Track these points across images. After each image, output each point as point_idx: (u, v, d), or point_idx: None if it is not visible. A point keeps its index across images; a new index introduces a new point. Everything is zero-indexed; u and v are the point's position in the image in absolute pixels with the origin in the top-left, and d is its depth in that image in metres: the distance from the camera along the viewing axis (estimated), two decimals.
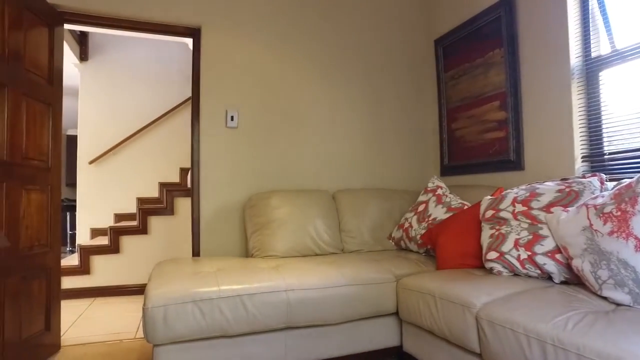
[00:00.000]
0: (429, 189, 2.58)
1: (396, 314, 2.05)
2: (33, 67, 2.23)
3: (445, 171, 3.12)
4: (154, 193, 4.80)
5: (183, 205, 3.96)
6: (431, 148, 3.28)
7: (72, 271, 3.66)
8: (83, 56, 4.72)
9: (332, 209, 2.68)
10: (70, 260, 4.04)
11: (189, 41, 4.14)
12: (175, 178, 4.85)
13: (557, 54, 2.23)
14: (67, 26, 2.84)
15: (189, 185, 4.57)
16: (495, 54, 2.63)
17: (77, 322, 3.03)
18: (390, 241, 2.70)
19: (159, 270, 2.00)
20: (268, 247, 2.40)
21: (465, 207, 2.34)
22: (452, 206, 2.37)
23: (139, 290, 3.80)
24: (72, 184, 6.44)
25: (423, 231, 2.38)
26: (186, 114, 4.95)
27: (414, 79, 3.25)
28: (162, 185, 4.70)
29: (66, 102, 5.39)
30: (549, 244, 1.63)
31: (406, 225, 2.54)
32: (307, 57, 2.93)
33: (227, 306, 1.72)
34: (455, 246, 2.08)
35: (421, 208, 2.51)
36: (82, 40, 4.70)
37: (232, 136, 2.71)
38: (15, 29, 2.08)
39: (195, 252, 2.67)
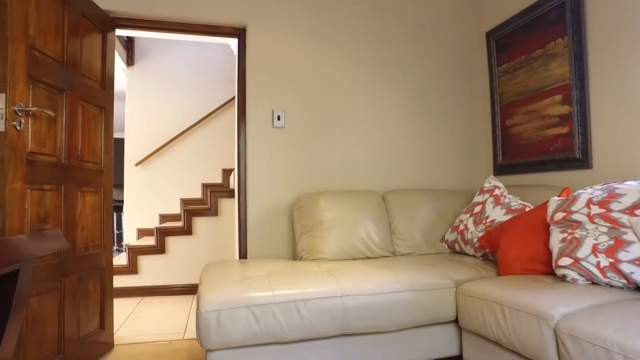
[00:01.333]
0: (485, 189, 2.44)
1: (455, 321, 1.94)
2: (88, 72, 2.27)
3: (500, 170, 2.95)
4: (197, 194, 4.86)
5: (226, 206, 3.98)
6: (482, 146, 3.12)
7: (121, 270, 3.74)
8: (130, 61, 4.84)
9: (382, 210, 2.58)
10: (119, 259, 4.14)
11: (232, 42, 4.16)
12: (217, 179, 4.89)
13: (633, 40, 2.04)
14: (117, 31, 2.89)
15: (231, 186, 4.59)
16: (557, 43, 2.45)
17: (127, 321, 3.08)
18: (443, 244, 2.57)
19: (209, 273, 1.98)
20: (318, 250, 2.34)
21: (527, 208, 2.18)
22: (512, 207, 2.22)
23: (184, 290, 3.84)
24: (118, 185, 6.65)
25: (481, 234, 2.24)
26: (227, 115, 4.99)
27: (463, 75, 3.10)
28: (205, 186, 4.75)
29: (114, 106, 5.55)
30: (636, 251, 1.47)
31: (461, 227, 2.41)
32: (352, 56, 2.85)
33: (281, 312, 1.67)
34: (519, 250, 1.94)
35: (477, 209, 2.38)
36: (128, 46, 4.82)
37: (278, 136, 2.67)
38: (73, 35, 2.12)
39: (242, 254, 2.65)
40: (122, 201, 5.14)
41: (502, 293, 1.62)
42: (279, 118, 2.67)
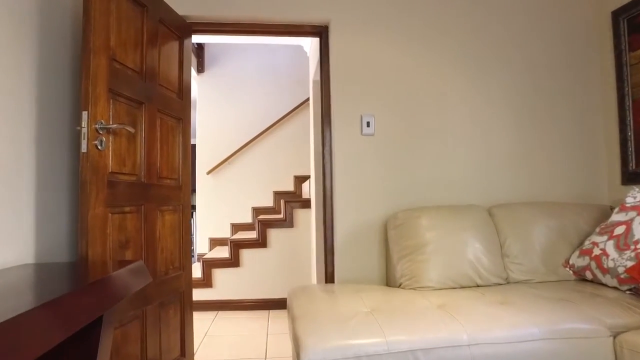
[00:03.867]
0: (628, 205, 1.98)
1: None
2: (165, 81, 2.12)
3: (631, 178, 2.44)
4: (269, 202, 4.71)
5: (302, 217, 3.76)
6: (604, 149, 2.62)
7: (196, 284, 3.64)
8: (200, 68, 4.80)
9: (490, 229, 2.20)
10: (192, 271, 4.07)
11: (306, 43, 3.94)
12: (289, 186, 4.71)
13: None
14: (193, 37, 2.75)
15: (304, 194, 4.38)
16: None
17: (205, 340, 2.95)
18: (568, 269, 2.14)
19: (301, 306, 1.73)
20: (421, 277, 2.01)
21: None
22: None
23: (258, 305, 3.67)
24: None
25: (629, 263, 1.80)
26: (298, 120, 4.80)
27: (577, 65, 2.61)
28: (277, 194, 4.59)
29: None
30: None
31: (596, 251, 1.97)
32: (447, 53, 2.49)
33: None
34: None
35: (619, 231, 1.93)
36: (199, 53, 4.78)
37: (367, 144, 2.38)
38: (151, 44, 1.97)
39: (328, 277, 2.39)
40: (193, 206, 5.14)
41: None
42: (368, 124, 2.38)
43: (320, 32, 2.52)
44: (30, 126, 1.49)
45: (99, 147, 1.55)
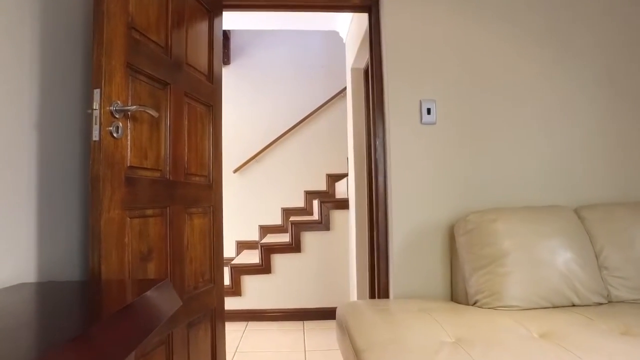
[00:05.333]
0: None
1: None
2: (194, 61, 1.80)
3: None
4: (299, 202, 4.38)
5: (339, 219, 3.41)
6: None
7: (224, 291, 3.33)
8: (225, 59, 4.51)
9: (581, 234, 1.81)
10: None
11: (342, 28, 3.59)
12: (321, 186, 4.37)
13: None
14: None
15: (338, 194, 4.04)
16: None
17: (236, 358, 2.64)
18: None
19: (363, 334, 1.38)
20: (503, 293, 1.64)
21: None
22: None
23: (291, 315, 3.35)
24: None
25: None
26: (330, 114, 4.45)
27: None
28: (308, 194, 4.26)
29: None
30: None
31: None
32: (524, 26, 2.10)
33: None
34: None
35: None
36: (224, 43, 4.49)
37: (428, 135, 2.02)
38: (178, 16, 1.65)
39: (382, 292, 2.03)
40: None
41: None
42: (428, 112, 2.01)
43: (369, 5, 2.16)
44: (31, 109, 1.19)
45: (115, 135, 1.23)
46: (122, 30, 1.29)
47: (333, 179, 4.29)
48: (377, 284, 2.05)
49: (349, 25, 3.39)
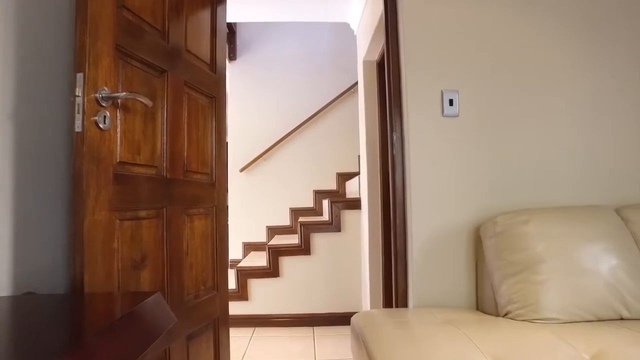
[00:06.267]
0: None
1: None
2: (195, 48, 1.65)
3: None
4: (308, 202, 4.22)
5: (350, 219, 3.24)
6: None
7: (230, 296, 3.17)
8: (232, 55, 4.37)
9: (626, 238, 1.62)
10: None
11: (352, 19, 3.42)
12: (331, 185, 4.20)
13: None
14: None
15: (348, 194, 3.87)
16: None
17: None
18: None
19: (386, 354, 1.21)
20: (539, 304, 1.46)
21: None
22: None
23: (301, 321, 3.19)
24: None
25: None
26: (339, 110, 4.29)
27: None
28: (318, 193, 4.09)
29: None
30: None
31: None
32: (564, 15, 1.91)
33: None
34: None
35: None
36: (229, 38, 4.34)
37: (451, 128, 1.84)
38: None
39: (400, 300, 1.86)
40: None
41: None
42: (451, 103, 1.83)
43: None
44: (4, 95, 1.03)
45: (101, 126, 1.08)
46: (110, 8, 1.14)
47: (343, 177, 4.12)
48: (395, 291, 1.88)
49: (360, 16, 3.22)
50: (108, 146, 1.11)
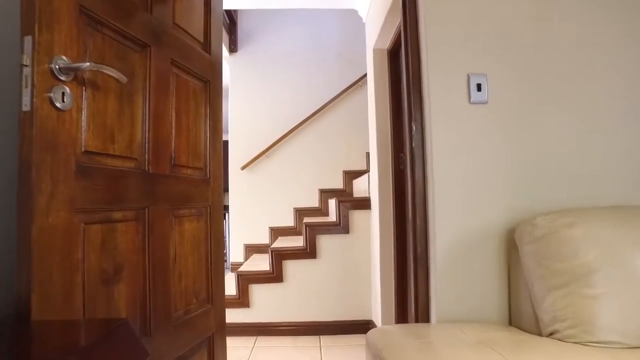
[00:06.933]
0: None
1: None
2: (185, 23, 1.42)
3: None
4: (314, 202, 3.99)
5: (359, 220, 3.01)
6: None
7: (230, 302, 2.96)
8: (232, 47, 4.14)
9: None
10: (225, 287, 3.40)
11: (360, 6, 3.19)
12: (337, 184, 3.97)
13: None
14: None
15: (356, 193, 3.63)
16: None
17: None
18: None
19: None
20: (594, 323, 1.22)
21: None
22: None
23: (306, 329, 2.96)
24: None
25: None
26: (346, 105, 4.06)
27: None
28: (324, 192, 3.86)
29: None
30: None
31: None
32: None
33: None
34: None
35: None
36: (231, 29, 4.12)
37: (479, 116, 1.60)
38: None
39: (421, 314, 1.62)
40: (225, 206, 4.49)
41: None
42: (478, 88, 1.59)
43: None
44: None
45: (58, 105, 0.85)
46: None
47: (351, 176, 3.89)
48: (415, 302, 1.65)
49: (369, 1, 2.98)
50: (68, 130, 0.89)
